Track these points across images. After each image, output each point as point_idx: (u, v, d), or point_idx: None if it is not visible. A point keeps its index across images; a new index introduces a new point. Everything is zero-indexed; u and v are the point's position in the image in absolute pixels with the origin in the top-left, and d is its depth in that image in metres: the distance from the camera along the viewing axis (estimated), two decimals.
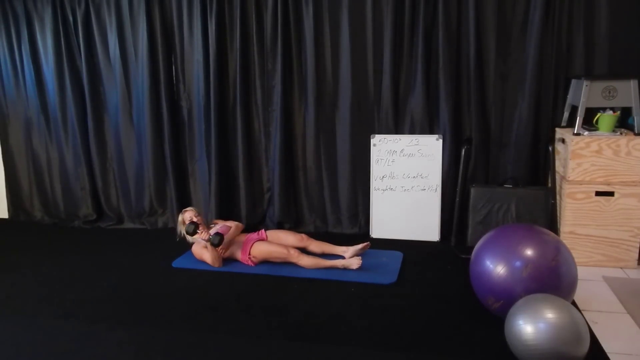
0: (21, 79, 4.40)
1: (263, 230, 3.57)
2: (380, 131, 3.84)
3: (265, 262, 3.39)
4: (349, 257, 3.33)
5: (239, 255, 3.41)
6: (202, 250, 3.40)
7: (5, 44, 4.36)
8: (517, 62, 3.57)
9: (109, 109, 4.28)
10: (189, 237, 3.49)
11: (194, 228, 3.34)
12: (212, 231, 3.43)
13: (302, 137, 3.98)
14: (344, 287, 3.07)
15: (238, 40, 3.86)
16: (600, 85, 3.20)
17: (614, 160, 3.17)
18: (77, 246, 3.98)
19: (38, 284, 3.28)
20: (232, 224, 3.60)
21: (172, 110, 4.12)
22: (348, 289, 3.04)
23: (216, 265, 3.37)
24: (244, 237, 3.49)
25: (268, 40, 3.86)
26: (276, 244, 3.38)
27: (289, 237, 3.50)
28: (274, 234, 3.54)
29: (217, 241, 3.27)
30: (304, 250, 3.42)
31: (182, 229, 3.53)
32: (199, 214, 3.57)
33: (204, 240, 3.36)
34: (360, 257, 3.25)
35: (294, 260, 3.29)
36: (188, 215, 3.53)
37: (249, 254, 3.36)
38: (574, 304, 2.68)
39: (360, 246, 3.36)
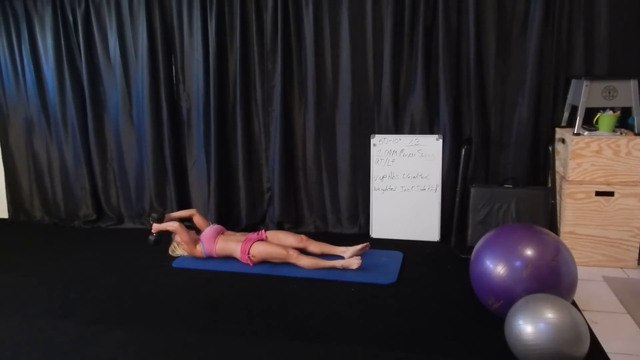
0: (21, 79, 4.41)
1: (263, 231, 3.57)
2: (380, 131, 3.84)
3: (264, 262, 3.39)
4: (348, 257, 3.33)
5: (238, 254, 3.41)
6: (187, 246, 3.49)
7: (5, 44, 4.36)
8: (517, 62, 3.57)
9: (109, 109, 4.28)
10: (178, 252, 3.56)
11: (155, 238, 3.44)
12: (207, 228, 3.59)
13: (302, 137, 3.98)
14: (344, 287, 3.07)
15: (238, 40, 3.86)
16: (600, 85, 3.20)
17: (614, 160, 3.17)
18: (77, 246, 3.98)
19: (38, 284, 3.28)
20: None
21: (172, 110, 4.12)
22: (348, 289, 3.04)
23: (184, 238, 3.45)
24: (243, 237, 3.49)
25: (268, 40, 3.86)
26: (275, 245, 3.39)
27: (289, 238, 3.49)
28: (274, 235, 3.54)
29: (156, 217, 3.47)
30: (303, 251, 3.42)
31: (175, 248, 3.58)
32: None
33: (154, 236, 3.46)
34: (359, 257, 3.25)
35: (293, 260, 3.30)
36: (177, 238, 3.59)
37: (248, 253, 3.37)
38: (574, 304, 2.68)
39: (359, 247, 3.36)
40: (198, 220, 3.68)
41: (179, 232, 3.46)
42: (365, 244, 3.38)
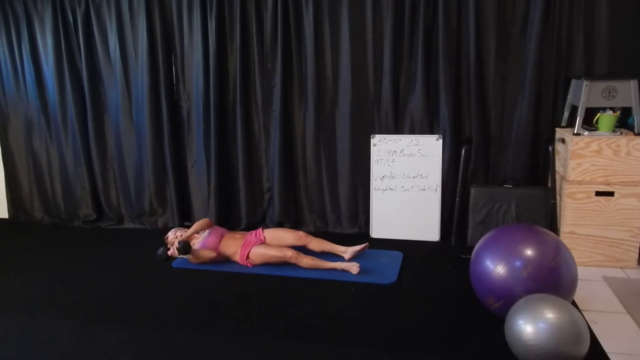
0: (21, 79, 4.40)
1: (260, 230, 3.53)
2: (380, 131, 3.84)
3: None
4: (348, 257, 3.34)
5: (237, 257, 3.40)
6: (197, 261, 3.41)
7: (5, 44, 4.36)
8: (517, 62, 3.56)
9: (109, 109, 4.28)
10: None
11: (183, 246, 3.27)
12: (199, 242, 3.44)
13: (302, 137, 3.98)
14: (344, 287, 3.07)
15: (238, 40, 3.86)
16: (600, 85, 3.20)
17: (614, 160, 3.17)
18: (77, 246, 3.98)
19: (38, 284, 3.28)
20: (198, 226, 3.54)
21: (171, 110, 4.12)
22: (348, 289, 3.04)
23: (211, 255, 3.37)
24: (242, 240, 3.46)
25: (268, 40, 3.86)
26: (274, 248, 3.35)
27: (288, 236, 3.46)
28: (272, 234, 3.50)
29: (183, 251, 3.25)
30: (303, 249, 3.42)
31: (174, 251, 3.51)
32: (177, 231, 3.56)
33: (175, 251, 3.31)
34: (358, 264, 3.22)
35: (293, 262, 3.28)
36: (170, 236, 3.52)
37: (247, 258, 3.36)
38: (574, 304, 2.68)
39: (359, 247, 3.36)
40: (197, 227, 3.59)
41: (209, 259, 3.40)
42: (364, 245, 3.38)
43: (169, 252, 3.30)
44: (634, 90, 3.16)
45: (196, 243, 3.43)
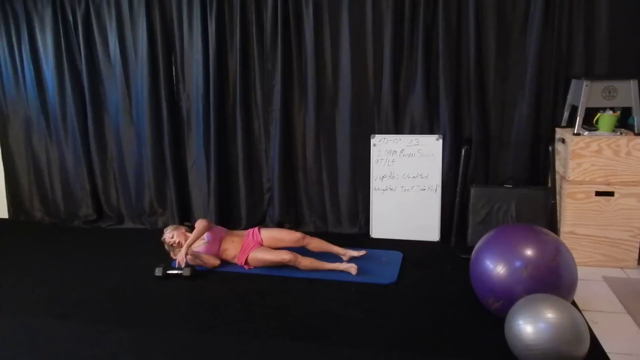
0: (21, 79, 4.40)
1: (257, 231, 3.45)
2: (380, 131, 3.84)
3: None
4: (346, 260, 3.35)
5: (236, 261, 3.39)
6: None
7: (5, 43, 4.36)
8: (517, 62, 3.57)
9: (109, 109, 4.28)
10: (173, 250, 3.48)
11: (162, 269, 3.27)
12: (199, 247, 3.40)
13: (302, 137, 3.98)
14: (344, 287, 3.07)
15: (238, 40, 3.86)
16: (600, 85, 3.20)
17: (614, 160, 3.17)
18: (77, 246, 3.98)
19: (38, 284, 3.28)
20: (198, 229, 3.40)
21: (171, 110, 4.12)
22: (348, 289, 3.04)
23: (215, 263, 3.40)
24: (239, 244, 3.40)
25: (268, 40, 3.86)
26: (272, 253, 3.30)
27: (285, 238, 3.40)
28: (270, 234, 3.43)
29: (189, 273, 3.23)
30: (302, 249, 3.41)
31: (172, 250, 3.51)
32: (176, 230, 3.50)
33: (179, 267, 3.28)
34: (356, 266, 3.21)
35: (292, 265, 3.26)
36: (167, 237, 3.47)
37: (246, 263, 3.36)
38: (574, 304, 2.68)
39: (356, 254, 3.35)
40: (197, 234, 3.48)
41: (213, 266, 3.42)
42: (362, 253, 3.36)
43: (172, 270, 3.27)
44: (634, 90, 3.16)
45: (198, 249, 3.39)
